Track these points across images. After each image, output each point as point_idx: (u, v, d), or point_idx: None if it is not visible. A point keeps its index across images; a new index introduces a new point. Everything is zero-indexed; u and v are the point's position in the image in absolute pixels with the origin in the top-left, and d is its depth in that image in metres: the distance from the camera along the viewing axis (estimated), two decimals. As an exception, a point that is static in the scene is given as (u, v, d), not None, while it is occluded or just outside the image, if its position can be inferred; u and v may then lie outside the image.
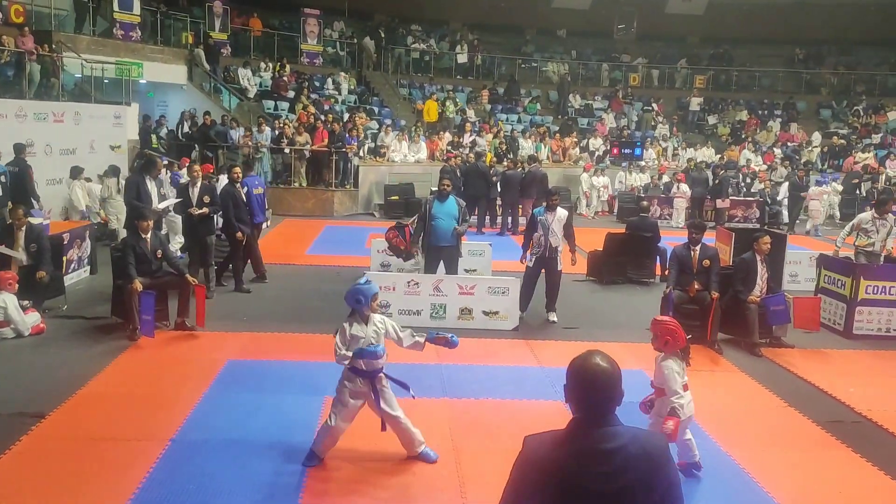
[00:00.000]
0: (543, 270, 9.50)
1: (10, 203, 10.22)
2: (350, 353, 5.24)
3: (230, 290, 10.55)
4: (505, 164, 18.80)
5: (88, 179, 14.05)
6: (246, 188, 10.83)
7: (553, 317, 9.59)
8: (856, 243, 10.43)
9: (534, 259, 9.47)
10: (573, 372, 2.59)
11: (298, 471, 5.31)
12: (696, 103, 28.14)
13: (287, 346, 8.14)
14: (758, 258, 8.83)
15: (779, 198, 19.70)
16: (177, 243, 12.12)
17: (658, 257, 12.15)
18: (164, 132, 19.52)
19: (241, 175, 10.89)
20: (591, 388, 2.53)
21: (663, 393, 5.27)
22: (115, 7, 19.10)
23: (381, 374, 5.41)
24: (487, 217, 17.39)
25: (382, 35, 27.56)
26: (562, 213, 9.47)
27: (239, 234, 10.38)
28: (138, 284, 8.07)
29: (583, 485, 2.44)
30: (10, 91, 14.23)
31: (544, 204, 9.73)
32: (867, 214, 10.56)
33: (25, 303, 8.37)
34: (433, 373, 7.26)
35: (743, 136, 26.26)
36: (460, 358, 7.93)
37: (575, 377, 2.58)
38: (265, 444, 5.68)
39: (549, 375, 7.55)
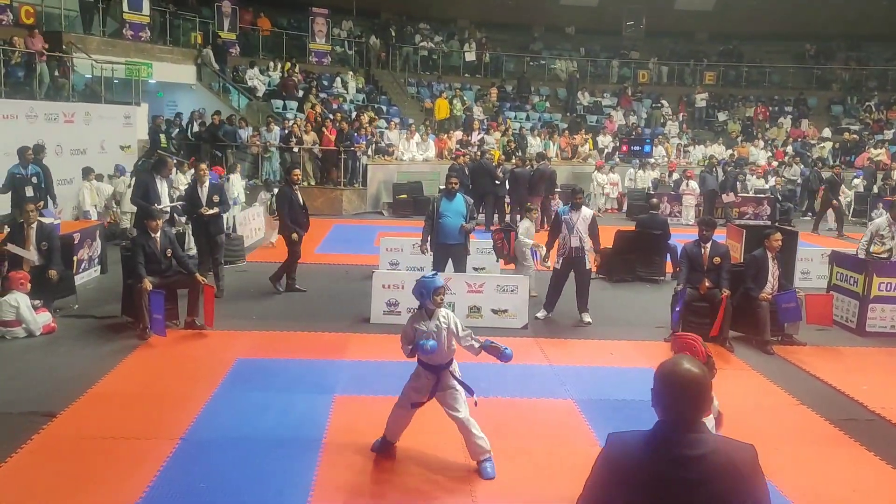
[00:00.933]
0: (573, 272, 9.41)
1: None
2: (411, 347, 5.27)
3: (278, 291, 10.49)
4: (513, 161, 18.78)
5: (100, 178, 14.09)
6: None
7: (587, 317, 9.44)
8: (870, 250, 10.28)
9: (561, 260, 9.39)
10: (663, 376, 2.57)
11: (309, 469, 5.31)
12: (701, 99, 28.01)
13: (296, 345, 8.15)
14: (769, 255, 8.77)
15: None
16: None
17: (668, 255, 12.10)
18: (175, 132, 19.58)
19: (299, 177, 10.78)
20: (681, 394, 2.50)
21: None
22: (125, 7, 19.19)
23: (449, 371, 5.36)
24: (496, 215, 17.35)
25: (392, 33, 27.57)
26: (587, 212, 9.41)
27: (294, 236, 10.30)
28: (148, 283, 8.09)
29: (666, 490, 2.42)
30: (20, 92, 14.30)
31: (569, 203, 9.67)
32: (883, 220, 10.44)
33: (37, 302, 8.40)
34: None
35: (754, 133, 26.11)
36: (469, 356, 7.90)
37: (664, 381, 2.56)
38: (275, 443, 5.68)
39: (558, 374, 7.53)
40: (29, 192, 11.89)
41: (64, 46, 16.27)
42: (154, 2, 20.59)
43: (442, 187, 11.51)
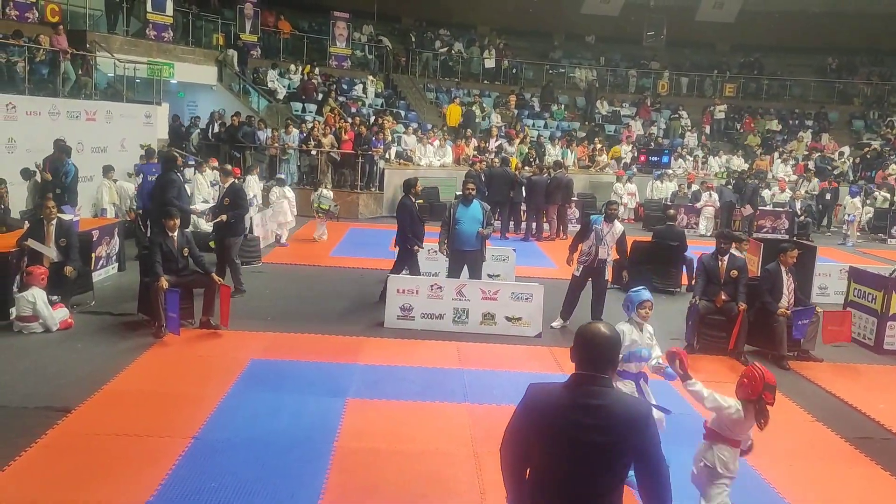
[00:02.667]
0: (591, 280, 9.37)
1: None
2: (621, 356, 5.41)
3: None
4: (530, 169, 18.76)
5: (115, 180, 14.22)
6: (141, 175, 10.71)
7: None
8: None
9: (581, 268, 9.35)
10: (579, 333, 2.96)
11: (320, 471, 5.32)
12: (720, 111, 27.87)
13: (310, 347, 8.17)
14: (783, 270, 8.70)
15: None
16: None
17: (684, 266, 12.03)
18: (195, 133, 19.73)
19: (419, 189, 10.47)
20: (592, 348, 2.89)
21: (720, 438, 4.69)
22: (149, 8, 19.35)
23: (643, 379, 5.60)
24: (512, 222, 17.34)
25: (412, 39, 27.66)
26: (619, 226, 9.33)
27: (416, 248, 10.03)
28: (164, 282, 8.15)
29: (572, 433, 2.79)
30: (44, 89, 14.45)
31: (602, 212, 9.63)
32: None
33: (54, 298, 8.47)
34: (455, 378, 7.24)
35: (773, 146, 25.96)
36: (482, 363, 7.91)
37: (580, 338, 2.94)
38: (287, 445, 5.70)
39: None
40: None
41: (88, 45, 16.43)
42: (177, 2, 20.76)
43: (459, 193, 11.49)
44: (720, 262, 8.77)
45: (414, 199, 10.19)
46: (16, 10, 15.98)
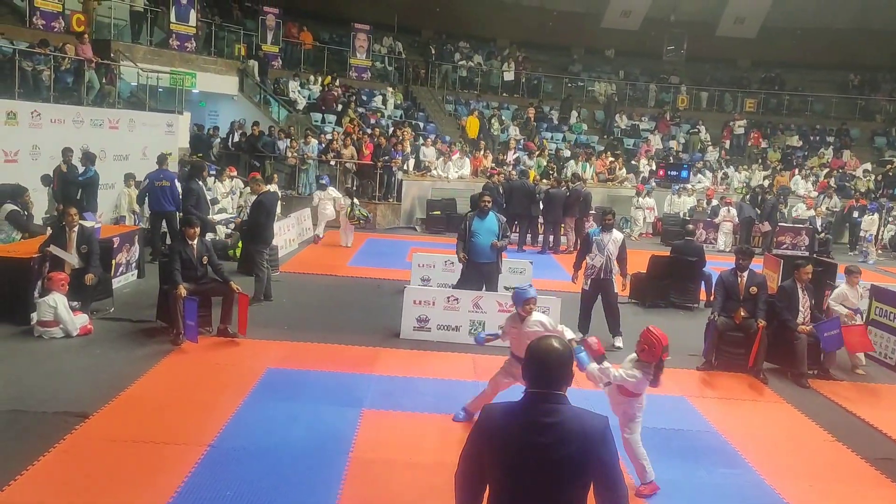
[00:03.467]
0: (600, 294, 9.37)
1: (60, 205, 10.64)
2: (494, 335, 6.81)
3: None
4: (548, 182, 18.74)
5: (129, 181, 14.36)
6: (148, 180, 10.95)
7: (619, 342, 9.31)
8: None
9: (589, 281, 9.36)
10: (531, 350, 2.90)
11: (335, 481, 5.31)
12: (739, 126, 27.73)
13: (326, 357, 8.18)
14: (798, 286, 8.62)
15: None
16: None
17: (703, 282, 11.95)
18: (215, 142, 19.90)
19: (489, 203, 10.04)
20: (544, 366, 2.84)
21: (628, 393, 5.53)
22: (172, 18, 19.59)
23: None
24: (529, 235, 17.32)
25: (432, 51, 27.80)
26: (617, 234, 9.37)
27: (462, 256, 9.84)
28: (183, 290, 8.20)
29: (529, 453, 2.75)
30: (68, 97, 14.65)
31: (600, 224, 9.66)
32: None
33: (74, 304, 8.56)
34: (471, 390, 7.21)
35: (794, 162, 25.78)
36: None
37: (532, 355, 2.89)
38: (302, 454, 5.70)
39: (587, 397, 7.40)
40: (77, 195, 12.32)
41: (112, 54, 16.65)
42: (201, 13, 21.00)
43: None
44: (740, 279, 8.70)
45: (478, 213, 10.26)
46: (42, 19, 16.23)
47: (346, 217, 15.63)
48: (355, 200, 15.98)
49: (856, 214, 20.52)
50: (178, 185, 12.40)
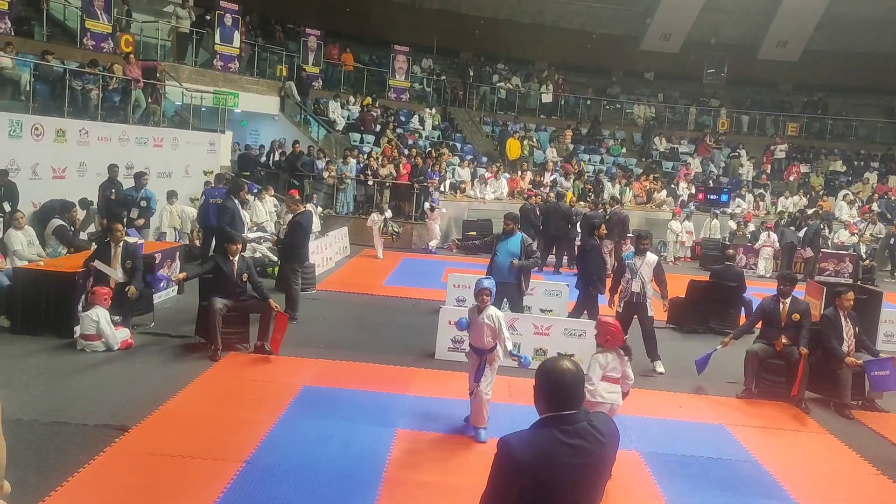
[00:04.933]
0: (636, 317, 9.31)
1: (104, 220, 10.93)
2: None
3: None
4: (585, 204, 18.65)
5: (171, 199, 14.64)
6: (203, 196, 11.19)
7: (660, 367, 9.23)
8: None
9: (623, 304, 9.31)
10: (543, 373, 2.92)
11: (368, 501, 5.30)
12: (780, 150, 27.33)
13: (361, 376, 8.20)
14: (841, 314, 8.42)
15: None
16: None
17: (742, 308, 11.75)
18: (262, 159, 20.23)
19: (603, 232, 11.09)
20: (560, 388, 2.86)
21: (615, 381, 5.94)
22: (217, 39, 20.03)
23: (492, 355, 6.61)
24: (566, 257, 17.22)
25: (471, 73, 27.98)
26: (651, 257, 9.32)
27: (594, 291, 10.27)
28: (182, 275, 8.85)
29: (552, 477, 2.78)
30: (115, 116, 15.03)
31: (633, 247, 9.63)
32: None
33: (116, 318, 8.71)
34: (505, 413, 7.17)
35: (837, 187, 25.31)
36: (533, 400, 7.80)
37: (545, 377, 2.90)
38: (336, 473, 5.70)
39: (623, 424, 7.33)
40: (134, 213, 12.78)
41: (157, 74, 17.07)
42: (244, 35, 21.43)
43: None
44: (782, 305, 8.54)
45: (599, 241, 10.50)
46: (92, 40, 16.71)
47: (378, 231, 16.93)
48: (387, 215, 17.20)
49: (892, 241, 20.04)
50: None
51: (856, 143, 29.10)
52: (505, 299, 9.51)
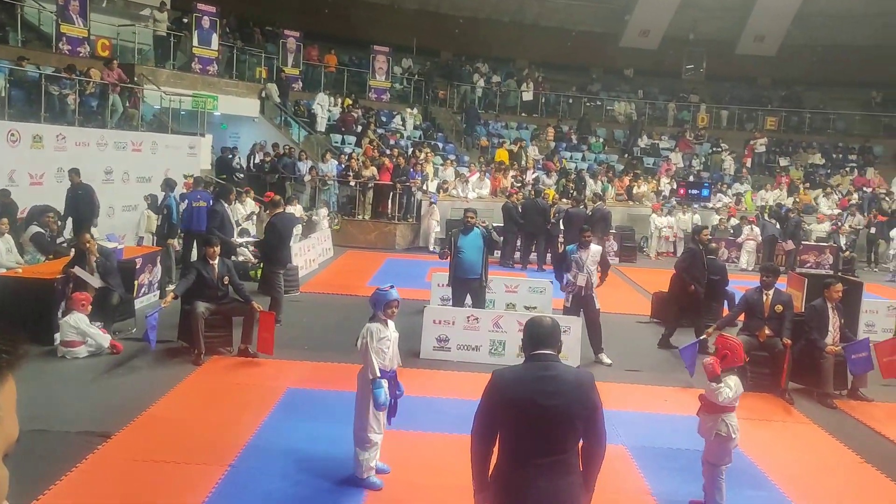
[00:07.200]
0: (582, 310, 9.33)
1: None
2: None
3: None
4: (567, 201, 18.69)
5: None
6: (187, 201, 11.15)
7: (605, 358, 9.26)
8: None
9: (570, 297, 9.36)
10: (527, 325, 3.60)
11: (355, 502, 5.27)
12: (761, 144, 27.54)
13: (346, 376, 8.09)
14: (828, 305, 8.48)
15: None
16: None
17: (726, 301, 11.80)
18: (235, 162, 20.06)
19: (706, 237, 11.03)
20: (538, 335, 3.50)
21: (713, 409, 5.34)
22: (195, 42, 19.87)
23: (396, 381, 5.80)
24: (549, 254, 17.23)
25: (451, 72, 27.95)
26: (595, 248, 9.42)
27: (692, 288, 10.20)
28: (171, 297, 8.55)
29: (533, 400, 3.34)
30: (93, 120, 14.87)
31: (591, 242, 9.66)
32: None
33: (97, 324, 8.62)
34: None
35: (817, 180, 25.52)
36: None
37: (529, 325, 3.59)
38: (322, 475, 5.68)
39: (610, 418, 7.32)
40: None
41: (135, 78, 16.91)
42: (222, 37, 21.30)
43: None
44: (765, 297, 8.59)
45: (702, 248, 10.52)
46: (68, 44, 16.53)
47: (327, 225, 17.19)
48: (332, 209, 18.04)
49: (872, 230, 20.25)
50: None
51: (834, 135, 29.39)
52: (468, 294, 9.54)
